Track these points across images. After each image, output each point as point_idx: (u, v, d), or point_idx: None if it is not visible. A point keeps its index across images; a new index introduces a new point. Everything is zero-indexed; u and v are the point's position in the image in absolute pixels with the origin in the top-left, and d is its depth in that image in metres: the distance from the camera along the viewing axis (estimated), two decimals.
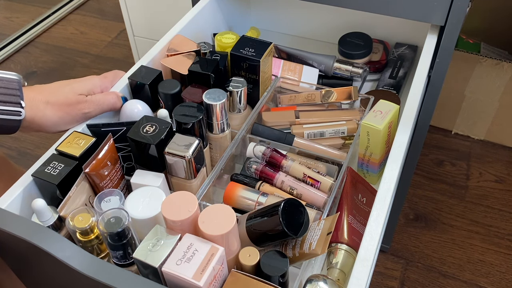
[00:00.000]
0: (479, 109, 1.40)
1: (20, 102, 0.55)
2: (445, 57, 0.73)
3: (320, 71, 0.86)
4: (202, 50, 0.75)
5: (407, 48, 0.95)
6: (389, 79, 0.90)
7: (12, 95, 0.55)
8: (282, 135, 0.70)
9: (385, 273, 1.17)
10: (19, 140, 1.53)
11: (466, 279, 1.15)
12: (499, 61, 1.28)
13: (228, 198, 0.63)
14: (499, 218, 1.27)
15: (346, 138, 0.73)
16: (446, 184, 1.36)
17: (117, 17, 2.03)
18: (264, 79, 0.73)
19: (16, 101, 0.55)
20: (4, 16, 2.09)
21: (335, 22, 0.99)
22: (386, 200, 0.54)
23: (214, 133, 0.66)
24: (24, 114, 0.56)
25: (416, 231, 1.25)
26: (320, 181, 0.63)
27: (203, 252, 0.45)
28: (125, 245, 0.50)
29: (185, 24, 0.80)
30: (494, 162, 1.41)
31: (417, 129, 0.84)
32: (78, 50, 1.89)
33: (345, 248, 0.60)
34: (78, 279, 0.46)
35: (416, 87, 0.68)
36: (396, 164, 0.58)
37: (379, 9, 0.75)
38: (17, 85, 0.56)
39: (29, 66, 1.82)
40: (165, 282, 0.46)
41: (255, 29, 0.97)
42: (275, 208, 0.51)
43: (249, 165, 0.67)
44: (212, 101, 0.62)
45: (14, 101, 0.55)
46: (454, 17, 0.70)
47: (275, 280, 0.48)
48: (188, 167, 0.59)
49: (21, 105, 0.55)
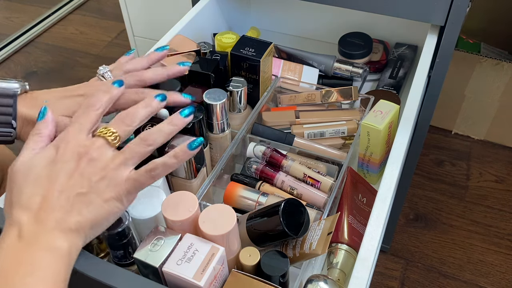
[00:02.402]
0: (479, 109, 1.40)
1: (11, 123, 0.51)
2: (445, 57, 0.73)
3: (320, 71, 0.86)
4: (202, 50, 0.75)
5: (407, 48, 0.95)
6: (389, 79, 0.90)
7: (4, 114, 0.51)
8: (282, 135, 0.70)
9: (385, 273, 1.17)
10: None
11: (466, 279, 1.15)
12: (499, 61, 1.28)
13: (228, 198, 0.63)
14: (499, 218, 1.27)
15: (346, 138, 0.73)
16: (446, 184, 1.36)
17: (117, 17, 2.03)
18: (264, 79, 0.73)
19: (7, 121, 0.51)
20: (4, 16, 2.09)
21: (335, 22, 0.99)
22: (386, 200, 0.54)
23: (214, 133, 0.66)
24: (15, 135, 0.52)
25: (416, 231, 1.25)
26: (320, 181, 0.63)
27: (204, 252, 0.45)
28: (125, 245, 0.50)
29: (185, 24, 0.80)
30: (494, 162, 1.41)
31: (417, 129, 0.84)
32: (78, 50, 1.89)
33: (346, 248, 0.60)
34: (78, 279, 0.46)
35: (416, 87, 0.68)
36: (396, 164, 0.58)
37: (379, 9, 0.75)
38: (11, 100, 0.51)
39: (29, 66, 1.82)
40: (165, 282, 0.46)
41: (255, 29, 0.97)
42: (275, 208, 0.51)
43: (249, 165, 0.67)
44: (212, 101, 0.62)
45: (5, 121, 0.51)
46: (454, 17, 0.70)
47: (275, 280, 0.48)
48: (188, 167, 0.59)
49: (12, 126, 0.51)
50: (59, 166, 0.44)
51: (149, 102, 0.49)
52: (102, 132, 0.46)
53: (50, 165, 0.44)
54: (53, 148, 0.45)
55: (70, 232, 0.42)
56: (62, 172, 0.43)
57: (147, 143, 0.46)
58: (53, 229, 0.41)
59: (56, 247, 0.41)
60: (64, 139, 0.46)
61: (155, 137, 0.46)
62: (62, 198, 0.43)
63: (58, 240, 0.41)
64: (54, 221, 0.42)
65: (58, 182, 0.43)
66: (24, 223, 0.41)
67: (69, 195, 0.43)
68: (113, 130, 0.46)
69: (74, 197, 0.43)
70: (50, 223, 0.42)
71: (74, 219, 0.43)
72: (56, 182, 0.43)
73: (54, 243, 0.41)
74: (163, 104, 0.50)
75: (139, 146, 0.46)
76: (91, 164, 0.44)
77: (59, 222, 0.42)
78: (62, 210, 0.42)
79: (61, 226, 0.42)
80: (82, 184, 0.43)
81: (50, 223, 0.42)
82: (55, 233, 0.41)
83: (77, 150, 0.45)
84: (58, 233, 0.42)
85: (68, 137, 0.45)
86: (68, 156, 0.44)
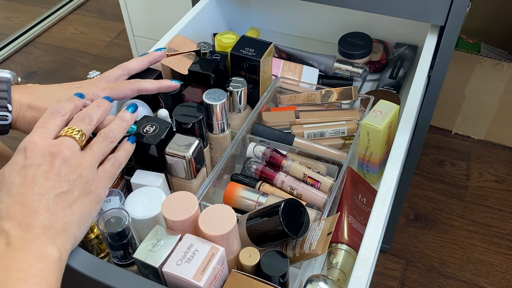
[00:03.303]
0: (479, 109, 1.40)
1: (7, 106, 0.51)
2: (445, 57, 0.73)
3: (320, 71, 0.86)
4: (202, 50, 0.75)
5: (407, 48, 0.95)
6: (389, 79, 0.90)
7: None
8: (282, 135, 0.70)
9: (385, 273, 1.17)
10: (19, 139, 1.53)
11: (466, 279, 1.15)
12: (499, 61, 1.28)
13: (228, 198, 0.63)
14: (499, 218, 1.27)
15: (346, 138, 0.73)
16: (446, 184, 1.36)
17: (117, 17, 2.03)
18: (264, 79, 0.73)
19: (3, 104, 0.51)
20: (4, 16, 2.09)
21: (335, 22, 0.99)
22: (386, 200, 0.54)
23: (214, 133, 0.66)
24: (11, 118, 0.52)
25: (416, 231, 1.25)
26: (320, 181, 0.63)
27: (204, 252, 0.45)
28: (125, 245, 0.50)
29: (185, 24, 0.80)
30: (494, 162, 1.41)
31: (417, 129, 0.84)
32: (78, 50, 1.89)
33: (345, 248, 0.60)
34: (78, 279, 0.46)
35: (416, 87, 0.68)
36: (396, 164, 0.58)
37: (379, 9, 0.75)
38: (5, 86, 0.52)
39: (29, 66, 1.82)
40: (165, 282, 0.46)
41: (255, 29, 0.97)
42: (275, 208, 0.51)
43: (249, 165, 0.67)
44: (212, 101, 0.62)
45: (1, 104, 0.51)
46: (454, 17, 0.70)
47: (275, 280, 0.48)
48: (188, 167, 0.59)
49: (8, 109, 0.51)
50: (33, 170, 0.43)
51: (101, 102, 0.53)
52: (68, 132, 0.47)
53: (22, 170, 0.43)
54: (21, 153, 0.45)
55: (58, 236, 0.42)
56: (38, 175, 0.43)
57: (109, 140, 0.49)
58: (42, 235, 0.41)
59: (46, 253, 0.41)
60: (31, 142, 0.45)
61: (115, 133, 0.50)
62: (43, 200, 0.42)
63: (47, 247, 0.41)
64: (41, 226, 0.41)
65: (36, 185, 0.42)
66: (10, 231, 0.40)
67: (50, 196, 0.42)
68: (78, 128, 0.48)
69: (55, 198, 0.43)
70: (37, 229, 0.41)
71: (60, 221, 0.42)
72: (34, 186, 0.42)
73: (44, 250, 0.41)
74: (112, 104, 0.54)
75: (104, 143, 0.49)
76: (65, 163, 0.45)
77: (47, 227, 0.41)
78: (46, 213, 0.42)
79: (49, 231, 0.41)
80: (61, 184, 0.43)
81: (37, 229, 0.41)
82: (44, 240, 0.41)
83: (48, 150, 0.45)
84: (46, 239, 0.41)
85: (35, 140, 0.45)
86: (40, 159, 0.44)
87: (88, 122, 0.49)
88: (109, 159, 0.49)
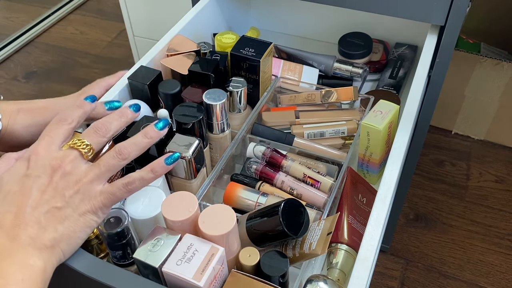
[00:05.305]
0: (479, 109, 1.40)
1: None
2: (445, 57, 0.73)
3: (320, 71, 0.86)
4: (202, 50, 0.75)
5: (407, 48, 0.95)
6: (389, 79, 0.90)
7: None
8: (282, 135, 0.70)
9: (385, 273, 1.17)
10: None
11: (466, 279, 1.15)
12: (499, 61, 1.28)
13: (228, 198, 0.63)
14: (499, 218, 1.27)
15: (346, 138, 0.73)
16: (446, 184, 1.36)
17: (117, 17, 2.03)
18: (264, 79, 0.73)
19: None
20: (4, 16, 2.09)
21: (335, 22, 0.99)
22: (386, 200, 0.54)
23: (214, 133, 0.66)
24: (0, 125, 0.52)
25: (416, 231, 1.25)
26: (320, 181, 0.63)
27: (203, 252, 0.45)
28: (124, 245, 0.50)
29: (185, 24, 0.79)
30: (494, 162, 1.41)
31: (417, 129, 0.84)
32: (78, 50, 1.89)
33: (345, 248, 0.59)
34: (78, 279, 0.46)
35: (416, 87, 0.68)
36: (396, 164, 0.58)
37: (379, 9, 0.75)
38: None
39: (29, 66, 1.82)
40: (165, 282, 0.46)
41: (255, 29, 0.97)
42: (275, 208, 0.51)
43: (249, 165, 0.67)
44: (212, 101, 0.62)
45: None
46: (454, 17, 0.70)
47: (275, 280, 0.48)
48: (188, 167, 0.59)
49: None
50: (32, 181, 0.43)
51: (124, 112, 0.49)
52: (76, 144, 0.45)
53: (21, 180, 0.43)
54: (23, 162, 0.44)
55: (45, 249, 0.41)
56: (34, 186, 0.42)
57: (121, 156, 0.46)
58: (27, 245, 0.40)
59: (30, 264, 0.40)
60: (34, 152, 0.45)
61: (129, 151, 0.46)
62: (36, 213, 0.42)
63: (32, 258, 0.40)
64: (29, 237, 0.41)
65: (31, 197, 0.42)
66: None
67: (43, 210, 0.42)
68: (87, 142, 0.46)
69: (48, 212, 0.42)
70: (24, 239, 0.40)
71: (49, 236, 0.42)
72: (29, 198, 0.42)
73: (28, 260, 0.40)
74: (137, 114, 0.51)
75: (114, 160, 0.45)
76: (64, 178, 0.44)
77: (34, 239, 0.41)
78: (36, 226, 0.41)
79: (36, 243, 0.41)
80: (56, 199, 0.43)
81: (24, 239, 0.40)
82: (29, 250, 0.40)
83: (49, 163, 0.44)
84: (32, 250, 0.41)
85: (38, 150, 0.45)
86: (40, 170, 0.43)
87: (103, 134, 0.47)
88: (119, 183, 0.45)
